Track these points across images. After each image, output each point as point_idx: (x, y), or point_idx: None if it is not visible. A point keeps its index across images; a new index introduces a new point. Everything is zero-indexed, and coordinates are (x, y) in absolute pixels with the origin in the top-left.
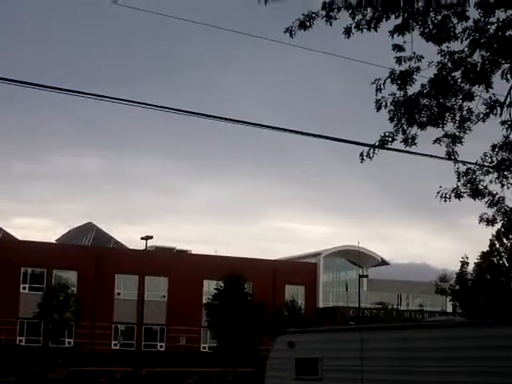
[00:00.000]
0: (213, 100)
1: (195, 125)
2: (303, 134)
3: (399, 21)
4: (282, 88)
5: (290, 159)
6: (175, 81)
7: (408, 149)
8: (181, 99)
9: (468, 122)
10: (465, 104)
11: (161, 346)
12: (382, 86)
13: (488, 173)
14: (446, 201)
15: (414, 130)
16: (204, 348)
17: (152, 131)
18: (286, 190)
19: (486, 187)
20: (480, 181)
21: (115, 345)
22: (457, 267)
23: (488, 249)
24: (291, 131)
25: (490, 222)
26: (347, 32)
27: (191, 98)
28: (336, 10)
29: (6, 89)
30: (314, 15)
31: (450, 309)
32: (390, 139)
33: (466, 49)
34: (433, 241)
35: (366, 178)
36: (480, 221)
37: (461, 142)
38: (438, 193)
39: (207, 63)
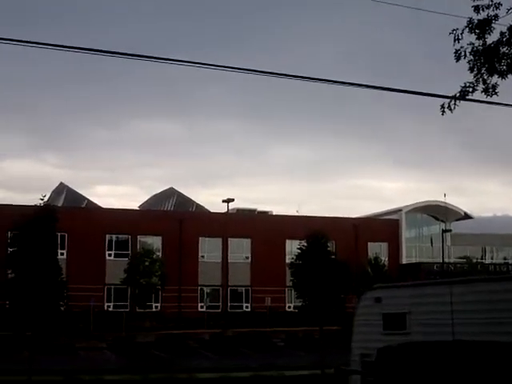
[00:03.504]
0: (289, 60)
1: (271, 86)
2: (381, 88)
3: None
4: (357, 43)
5: (368, 116)
6: (251, 43)
7: (489, 99)
8: (258, 61)
9: None
10: None
11: (246, 307)
12: (460, 36)
13: None
14: None
15: (495, 79)
16: (289, 307)
17: (230, 93)
18: (365, 147)
19: None
20: None
21: (201, 307)
22: None
23: None
24: (369, 86)
25: None
26: None
27: (268, 59)
28: None
29: (89, 58)
30: None
31: None
32: (471, 89)
33: None
34: None
35: (446, 131)
36: None
37: None
38: None
39: (281, 23)
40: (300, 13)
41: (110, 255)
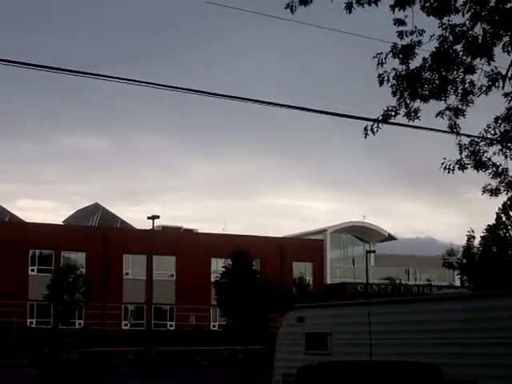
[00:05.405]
0: (214, 78)
1: (198, 103)
2: (306, 110)
3: None
4: (284, 65)
5: (293, 136)
6: (176, 59)
7: (411, 123)
8: (183, 78)
9: (470, 95)
10: (467, 77)
11: (171, 325)
12: (383, 60)
13: (491, 144)
14: (449, 172)
15: (417, 103)
16: (214, 326)
17: (156, 111)
18: (290, 167)
19: (489, 159)
20: (483, 152)
21: (125, 325)
22: (463, 241)
23: (494, 222)
24: (294, 107)
25: (494, 192)
26: (348, 7)
27: (193, 76)
28: None
29: (13, 71)
30: None
31: (458, 283)
32: (393, 113)
33: (467, 22)
34: (438, 215)
35: (370, 153)
36: (483, 192)
37: (463, 115)
38: (443, 164)
39: (206, 40)
40: (227, 30)
41: (33, 270)
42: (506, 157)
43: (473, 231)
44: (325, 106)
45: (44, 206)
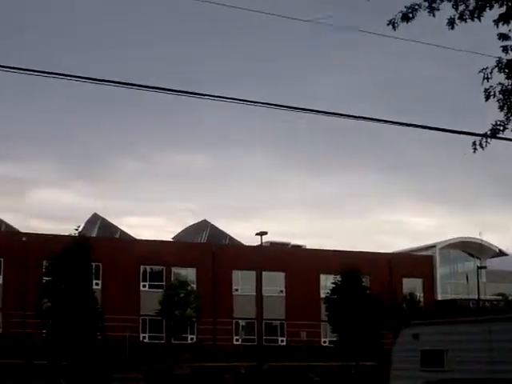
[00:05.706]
0: (316, 95)
1: (304, 120)
2: (411, 125)
3: (503, 9)
4: (386, 81)
5: (399, 152)
6: (277, 76)
7: None
8: (288, 95)
9: None
10: None
11: (281, 341)
12: (489, 75)
13: None
14: None
15: None
16: (324, 342)
17: (260, 128)
18: (396, 183)
19: None
20: None
21: (237, 340)
22: None
23: None
24: (399, 123)
25: None
26: (451, 23)
27: (302, 94)
28: (439, 1)
29: (121, 91)
30: (416, 7)
31: None
32: (502, 128)
33: None
34: None
35: (478, 168)
36: None
37: None
38: None
39: (304, 58)
40: (327, 46)
41: (144, 286)
42: None
43: None
44: (430, 122)
45: (153, 223)
